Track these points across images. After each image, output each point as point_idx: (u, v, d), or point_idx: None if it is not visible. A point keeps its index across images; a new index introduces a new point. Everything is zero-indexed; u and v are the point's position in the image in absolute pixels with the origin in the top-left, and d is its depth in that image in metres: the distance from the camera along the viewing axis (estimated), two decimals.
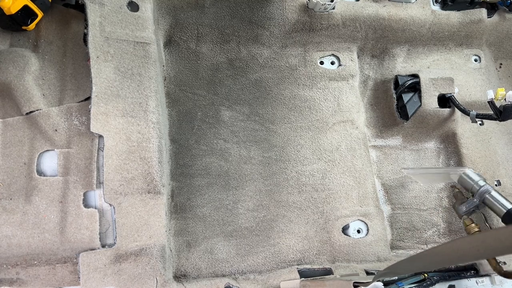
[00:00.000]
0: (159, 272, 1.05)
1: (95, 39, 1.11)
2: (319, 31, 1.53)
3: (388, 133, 1.64)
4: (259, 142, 1.45)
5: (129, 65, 1.14)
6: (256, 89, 1.50)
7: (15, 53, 1.13)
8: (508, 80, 1.83)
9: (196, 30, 1.45)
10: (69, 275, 1.05)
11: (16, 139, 1.09)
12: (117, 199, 1.06)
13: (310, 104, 1.52)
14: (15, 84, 1.09)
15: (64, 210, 1.04)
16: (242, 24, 1.48)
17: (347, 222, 1.40)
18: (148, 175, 1.08)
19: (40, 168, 1.08)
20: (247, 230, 1.34)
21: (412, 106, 1.56)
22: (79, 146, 1.09)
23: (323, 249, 1.36)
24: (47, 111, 1.10)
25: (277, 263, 1.31)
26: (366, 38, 1.61)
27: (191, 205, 1.32)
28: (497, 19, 1.70)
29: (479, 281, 1.14)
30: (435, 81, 1.56)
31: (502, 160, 1.64)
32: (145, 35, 1.18)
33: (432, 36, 1.67)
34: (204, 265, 1.26)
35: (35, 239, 1.01)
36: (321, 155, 1.47)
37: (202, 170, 1.36)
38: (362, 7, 1.52)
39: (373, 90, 1.67)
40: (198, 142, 1.39)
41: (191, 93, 1.44)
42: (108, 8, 1.15)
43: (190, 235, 1.29)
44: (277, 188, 1.40)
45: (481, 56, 1.76)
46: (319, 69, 1.56)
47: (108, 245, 1.06)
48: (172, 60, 1.45)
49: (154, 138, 1.11)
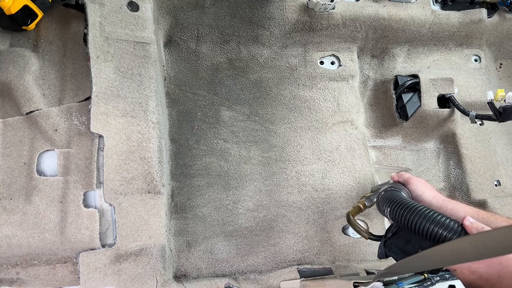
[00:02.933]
0: (159, 272, 1.05)
1: (95, 39, 1.11)
2: (319, 31, 1.53)
3: (388, 133, 1.64)
4: (259, 142, 1.45)
5: (129, 65, 1.14)
6: (256, 89, 1.50)
7: (15, 53, 1.13)
8: (508, 80, 1.83)
9: (196, 30, 1.45)
10: (69, 275, 1.05)
11: (16, 139, 1.09)
12: (117, 199, 1.06)
13: (310, 105, 1.52)
14: (15, 84, 1.09)
15: (64, 210, 1.04)
16: (242, 24, 1.48)
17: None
18: (148, 175, 1.08)
19: (40, 168, 1.08)
20: (247, 230, 1.34)
21: (412, 106, 1.56)
22: (79, 146, 1.09)
23: (323, 248, 1.36)
24: (47, 111, 1.10)
25: (277, 263, 1.32)
26: (366, 38, 1.61)
27: (191, 205, 1.32)
28: (497, 19, 1.70)
29: None
30: (435, 82, 1.56)
31: (502, 160, 1.64)
32: (145, 35, 1.18)
33: (432, 36, 1.67)
34: (204, 265, 1.26)
35: (35, 239, 1.01)
36: (320, 155, 1.47)
37: (202, 170, 1.36)
38: (362, 7, 1.52)
39: (372, 90, 1.67)
40: (198, 142, 1.39)
41: (191, 93, 1.44)
42: (108, 8, 1.15)
43: (190, 235, 1.29)
44: (277, 188, 1.40)
45: (481, 56, 1.76)
46: (319, 69, 1.56)
47: (108, 245, 1.06)
48: (172, 60, 1.46)
49: (154, 138, 1.11)
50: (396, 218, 0.82)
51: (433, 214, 0.75)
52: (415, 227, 0.77)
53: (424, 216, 0.75)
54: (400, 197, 0.87)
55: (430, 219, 0.74)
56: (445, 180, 1.63)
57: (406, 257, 0.87)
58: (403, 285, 0.95)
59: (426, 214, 0.76)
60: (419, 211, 0.77)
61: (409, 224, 0.78)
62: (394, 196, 0.89)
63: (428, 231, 0.74)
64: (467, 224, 0.73)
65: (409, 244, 0.83)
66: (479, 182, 1.58)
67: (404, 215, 0.79)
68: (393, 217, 0.84)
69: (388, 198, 0.89)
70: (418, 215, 0.76)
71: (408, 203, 0.81)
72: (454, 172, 1.62)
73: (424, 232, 0.75)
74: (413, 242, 0.82)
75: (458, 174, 1.61)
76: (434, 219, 0.74)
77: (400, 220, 0.81)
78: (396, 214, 0.82)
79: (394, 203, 0.85)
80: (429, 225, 0.74)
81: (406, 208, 0.80)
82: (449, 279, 1.03)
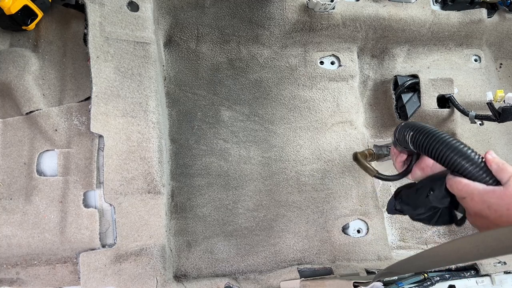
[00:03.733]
0: (159, 272, 1.05)
1: (95, 39, 1.11)
2: (319, 31, 1.53)
3: (388, 133, 1.64)
4: (258, 142, 1.45)
5: (129, 65, 1.14)
6: (256, 89, 1.50)
7: (15, 53, 1.13)
8: (508, 80, 1.83)
9: (196, 30, 1.45)
10: (69, 275, 1.05)
11: (16, 139, 1.09)
12: (117, 199, 1.06)
13: (309, 105, 1.52)
14: (15, 84, 1.09)
15: (64, 210, 1.04)
16: (242, 24, 1.48)
17: (347, 221, 1.40)
18: (148, 175, 1.08)
19: (40, 168, 1.08)
20: (247, 229, 1.34)
21: (412, 107, 1.56)
22: (79, 146, 1.09)
23: (323, 248, 1.36)
24: (47, 111, 1.10)
25: (277, 263, 1.32)
26: (366, 38, 1.61)
27: (191, 205, 1.32)
28: (497, 19, 1.70)
29: (479, 281, 1.14)
30: (434, 82, 1.56)
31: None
32: (145, 35, 1.18)
33: (432, 36, 1.67)
34: (204, 265, 1.26)
35: (35, 239, 1.01)
36: (320, 155, 1.47)
37: (202, 170, 1.36)
38: (362, 7, 1.52)
39: (372, 90, 1.68)
40: (198, 142, 1.39)
41: (191, 93, 1.44)
42: (108, 8, 1.15)
43: (190, 235, 1.29)
44: (277, 188, 1.40)
45: (481, 56, 1.76)
46: (319, 69, 1.56)
47: (108, 245, 1.06)
48: (172, 60, 1.46)
49: (154, 138, 1.11)
50: (417, 143, 0.82)
51: (456, 143, 0.75)
52: (435, 153, 0.77)
53: (446, 144, 0.75)
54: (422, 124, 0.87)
55: (452, 147, 0.75)
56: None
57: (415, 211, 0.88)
58: (403, 285, 0.95)
59: (448, 142, 0.76)
60: (441, 138, 0.77)
61: (430, 150, 0.78)
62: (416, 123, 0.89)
63: (448, 159, 0.74)
64: (488, 158, 0.73)
65: (420, 190, 0.85)
66: None
67: (427, 141, 0.79)
68: (414, 141, 0.83)
69: (411, 124, 0.89)
70: (440, 142, 0.76)
71: (431, 129, 0.81)
72: None
73: (444, 159, 0.75)
74: (424, 187, 0.84)
75: None
76: (456, 148, 0.74)
77: (421, 145, 0.80)
78: (418, 139, 0.81)
79: (417, 128, 0.84)
80: (449, 153, 0.74)
81: (429, 134, 0.80)
82: (449, 279, 1.04)
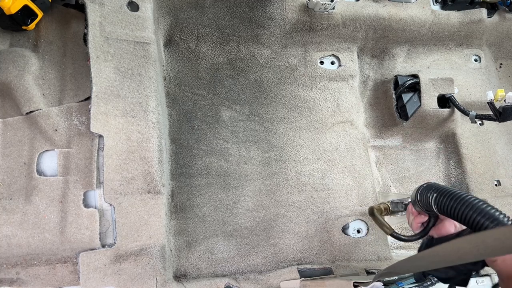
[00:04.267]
0: (159, 272, 1.05)
1: (95, 39, 1.11)
2: (319, 31, 1.53)
3: (388, 133, 1.64)
4: (258, 142, 1.45)
5: (129, 65, 1.14)
6: (256, 89, 1.50)
7: (15, 53, 1.13)
8: (508, 80, 1.83)
9: (196, 30, 1.45)
10: (69, 275, 1.05)
11: (16, 139, 1.09)
12: (117, 199, 1.06)
13: (309, 105, 1.52)
14: (15, 84, 1.09)
15: (64, 210, 1.04)
16: (242, 24, 1.48)
17: (347, 221, 1.40)
18: (148, 175, 1.08)
19: (40, 168, 1.08)
20: (247, 230, 1.34)
21: (412, 106, 1.56)
22: (79, 146, 1.09)
23: (323, 248, 1.36)
24: (47, 111, 1.10)
25: (277, 263, 1.32)
26: (366, 38, 1.61)
27: (191, 205, 1.32)
28: (497, 19, 1.70)
29: (479, 281, 1.14)
30: (434, 82, 1.56)
31: (502, 160, 1.64)
32: (145, 35, 1.18)
33: (432, 36, 1.67)
34: (204, 265, 1.26)
35: (35, 239, 1.01)
36: (320, 155, 1.47)
37: (202, 170, 1.36)
38: (362, 7, 1.52)
39: (372, 90, 1.68)
40: (198, 142, 1.39)
41: (191, 93, 1.44)
42: (108, 8, 1.15)
43: (190, 235, 1.29)
44: (277, 188, 1.40)
45: (481, 56, 1.76)
46: (319, 69, 1.56)
47: (108, 245, 1.06)
48: (172, 60, 1.46)
49: (154, 138, 1.11)
50: (442, 206, 0.80)
51: (484, 206, 0.73)
52: (463, 217, 0.74)
53: (473, 207, 0.73)
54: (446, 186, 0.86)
55: (480, 211, 0.72)
56: (445, 180, 1.63)
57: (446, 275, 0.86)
58: (403, 285, 0.95)
59: (476, 204, 0.73)
60: (469, 201, 0.75)
61: (457, 213, 0.76)
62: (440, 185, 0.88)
63: (477, 223, 0.72)
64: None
65: None
66: (479, 182, 1.58)
67: (453, 204, 0.77)
68: (438, 204, 0.82)
69: (434, 186, 0.88)
70: (467, 205, 0.74)
71: (456, 192, 0.79)
72: (454, 172, 1.62)
73: (472, 222, 0.73)
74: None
75: (458, 174, 1.61)
76: (484, 211, 0.72)
77: (447, 208, 0.78)
78: (443, 202, 0.80)
79: (442, 190, 0.83)
80: (480, 217, 0.71)
81: (454, 196, 0.78)
82: None
